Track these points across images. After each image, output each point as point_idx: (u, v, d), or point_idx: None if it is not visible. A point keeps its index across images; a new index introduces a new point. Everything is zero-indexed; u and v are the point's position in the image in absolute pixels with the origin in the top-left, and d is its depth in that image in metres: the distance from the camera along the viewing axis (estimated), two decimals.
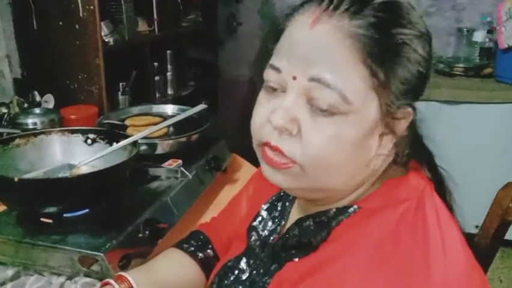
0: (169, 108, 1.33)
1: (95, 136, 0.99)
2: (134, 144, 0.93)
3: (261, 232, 0.65)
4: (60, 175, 0.86)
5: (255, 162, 1.52)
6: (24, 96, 1.43)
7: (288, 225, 0.61)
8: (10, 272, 0.81)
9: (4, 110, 1.33)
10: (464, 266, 0.47)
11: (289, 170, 0.50)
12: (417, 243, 0.46)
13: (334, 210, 0.53)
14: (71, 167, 0.87)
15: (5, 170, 0.87)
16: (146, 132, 0.94)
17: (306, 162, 0.48)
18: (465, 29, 2.47)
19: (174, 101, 2.03)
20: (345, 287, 0.45)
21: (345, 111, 0.46)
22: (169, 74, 2.07)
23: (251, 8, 2.97)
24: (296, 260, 0.54)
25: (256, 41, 3.03)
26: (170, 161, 1.12)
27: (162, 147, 1.13)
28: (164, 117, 1.28)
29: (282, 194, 0.68)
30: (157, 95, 1.99)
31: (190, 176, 1.06)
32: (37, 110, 1.30)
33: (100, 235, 0.80)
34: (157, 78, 1.98)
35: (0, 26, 1.39)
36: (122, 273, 0.68)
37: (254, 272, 0.63)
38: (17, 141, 0.93)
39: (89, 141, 0.99)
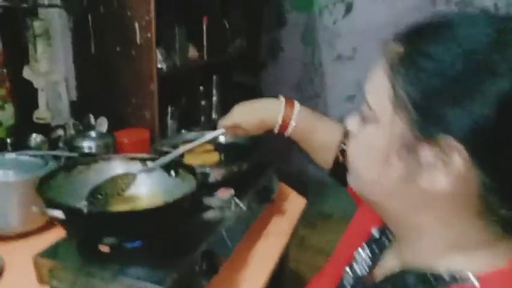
0: (222, 136, 1.32)
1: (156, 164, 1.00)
2: (193, 173, 0.93)
3: (356, 269, 0.62)
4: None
5: (300, 189, 1.50)
6: (79, 119, 1.46)
7: (384, 270, 0.56)
8: None
9: (60, 133, 1.37)
10: None
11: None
12: None
13: (447, 276, 0.45)
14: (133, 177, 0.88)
15: (69, 198, 0.89)
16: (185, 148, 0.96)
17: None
18: None
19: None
20: None
21: (371, 119, 0.48)
22: (214, 98, 2.09)
23: (294, 34, 2.99)
24: None
25: (297, 66, 3.04)
26: (222, 190, 1.11)
27: (214, 175, 1.13)
28: (217, 145, 1.28)
29: (384, 229, 0.63)
30: (202, 119, 2.01)
31: (244, 208, 1.05)
32: (92, 134, 1.33)
33: (159, 267, 0.80)
34: (203, 102, 2.01)
35: (61, 50, 1.45)
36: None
37: None
38: (79, 167, 0.95)
39: (149, 168, 1.00)
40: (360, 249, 0.63)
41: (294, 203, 1.34)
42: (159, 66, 1.52)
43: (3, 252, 0.97)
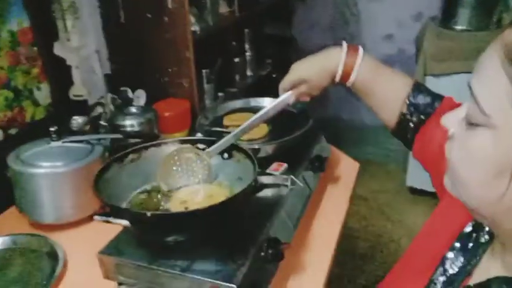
0: (267, 102, 1.25)
1: (205, 147, 0.95)
2: (248, 156, 0.88)
3: (448, 268, 0.57)
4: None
5: (345, 144, 1.42)
6: (115, 92, 1.41)
7: (484, 273, 0.52)
8: None
9: (100, 110, 1.33)
10: None
11: None
12: None
13: None
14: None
15: (123, 189, 0.86)
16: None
17: None
18: None
19: (254, 83, 1.96)
20: None
21: (484, 123, 0.40)
22: (247, 54, 1.99)
23: None
24: None
25: (329, 7, 2.87)
26: (275, 165, 1.06)
27: (265, 150, 1.07)
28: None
29: (480, 224, 0.58)
30: (237, 78, 1.93)
31: (301, 185, 1.00)
32: (133, 109, 1.28)
33: (226, 262, 0.77)
34: (236, 60, 1.91)
35: (89, 22, 1.37)
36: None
37: None
38: (131, 156, 0.91)
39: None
40: (455, 245, 0.58)
41: (347, 169, 1.28)
42: (193, 29, 1.43)
43: (60, 242, 0.96)
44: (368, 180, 2.57)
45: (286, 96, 0.93)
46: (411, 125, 0.81)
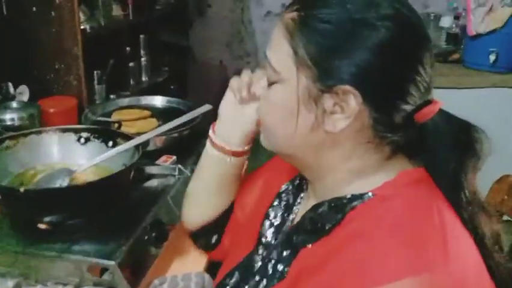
0: (158, 100, 1.28)
1: (89, 135, 0.95)
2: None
3: (273, 220, 0.69)
4: (60, 181, 0.81)
5: None
6: (2, 88, 1.33)
7: (302, 212, 0.63)
8: (10, 283, 0.77)
9: None
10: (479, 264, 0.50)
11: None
12: (434, 228, 0.48)
13: (349, 196, 0.55)
14: (70, 172, 0.83)
15: None
16: (151, 134, 0.90)
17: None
18: (432, 14, 2.52)
19: (149, 89, 1.97)
20: (364, 269, 0.46)
21: (277, 80, 0.55)
22: (143, 59, 2.00)
23: None
24: (309, 246, 0.56)
25: (226, 23, 2.97)
26: (164, 158, 1.09)
27: (155, 143, 1.10)
28: (153, 110, 1.24)
29: (295, 181, 0.71)
30: (132, 83, 1.92)
31: (188, 174, 1.03)
32: (14, 104, 1.22)
33: (107, 242, 0.78)
34: (131, 64, 1.91)
35: None
36: None
37: (266, 260, 0.64)
38: (7, 142, 0.87)
39: (82, 140, 0.95)
40: (274, 203, 0.70)
41: None
42: (82, 27, 1.41)
43: None
44: None
45: (205, 110, 0.93)
46: None
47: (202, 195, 0.82)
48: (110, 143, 0.94)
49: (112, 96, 1.74)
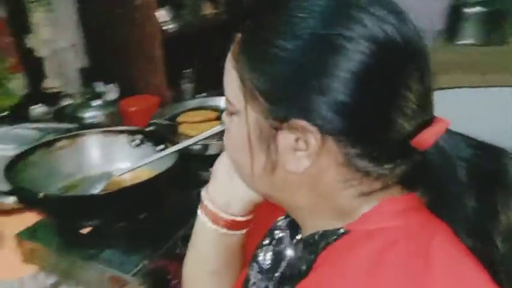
0: (223, 101, 1.24)
1: (143, 138, 0.94)
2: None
3: (261, 263, 0.57)
4: (99, 186, 0.81)
5: None
6: (89, 87, 1.43)
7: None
8: (51, 281, 0.80)
9: (68, 102, 1.34)
10: None
11: None
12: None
13: (321, 231, 0.46)
14: (109, 176, 0.82)
15: (48, 175, 0.85)
16: (192, 140, 0.85)
17: None
18: None
19: None
20: None
21: (233, 111, 0.46)
22: None
23: None
24: None
25: None
26: None
27: (215, 147, 1.05)
28: (219, 111, 1.20)
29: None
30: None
31: None
32: (96, 103, 1.28)
33: (131, 254, 0.75)
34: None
35: (67, 15, 1.39)
36: None
37: None
38: (62, 142, 0.91)
39: (134, 143, 0.94)
40: (264, 241, 0.58)
41: None
42: (166, 27, 1.43)
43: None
44: None
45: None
46: None
47: (209, 281, 0.62)
48: (161, 147, 0.92)
49: (203, 94, 1.75)
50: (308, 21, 0.39)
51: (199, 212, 0.59)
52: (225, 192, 0.55)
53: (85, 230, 0.81)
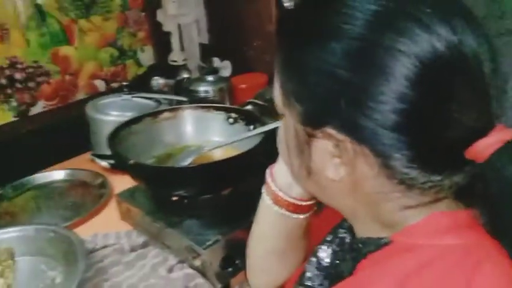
0: None
1: (237, 116, 0.95)
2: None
3: (321, 259, 0.56)
4: (189, 159, 0.85)
5: None
6: (208, 62, 1.49)
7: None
8: (141, 239, 0.87)
9: (186, 75, 1.43)
10: None
11: None
12: None
13: (364, 239, 0.46)
14: (199, 151, 0.85)
15: (147, 144, 0.92)
16: (267, 127, 0.84)
17: None
18: None
19: None
20: None
21: (280, 113, 0.47)
22: None
23: None
24: None
25: None
26: None
27: None
28: None
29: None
30: None
31: None
32: (210, 78, 1.34)
33: (209, 227, 0.77)
34: None
35: None
36: None
37: None
38: (165, 114, 0.96)
39: (230, 120, 0.96)
40: (327, 238, 0.56)
41: None
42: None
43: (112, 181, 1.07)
44: None
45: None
46: None
47: (269, 259, 0.63)
48: (251, 127, 0.92)
49: None
50: (354, 31, 0.38)
51: (263, 189, 0.59)
52: (287, 174, 0.53)
53: (174, 198, 0.86)
